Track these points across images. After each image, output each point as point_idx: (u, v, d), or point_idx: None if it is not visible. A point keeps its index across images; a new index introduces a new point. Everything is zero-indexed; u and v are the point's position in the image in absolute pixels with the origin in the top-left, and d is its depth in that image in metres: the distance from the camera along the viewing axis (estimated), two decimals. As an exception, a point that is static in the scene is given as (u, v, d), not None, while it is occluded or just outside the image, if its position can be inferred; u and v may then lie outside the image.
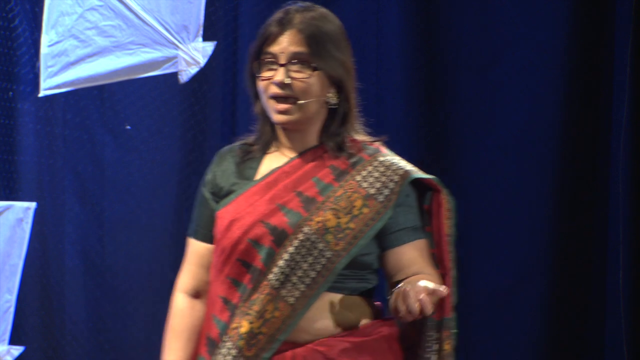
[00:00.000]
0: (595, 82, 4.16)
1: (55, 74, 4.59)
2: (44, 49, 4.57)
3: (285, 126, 2.56)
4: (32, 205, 4.63)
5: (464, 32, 4.30)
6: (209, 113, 4.67)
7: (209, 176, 2.66)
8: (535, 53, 4.21)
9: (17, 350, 4.62)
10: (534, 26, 4.22)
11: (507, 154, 4.26)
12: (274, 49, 2.52)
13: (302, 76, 2.50)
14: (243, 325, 2.47)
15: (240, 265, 2.51)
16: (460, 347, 4.15)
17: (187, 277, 2.68)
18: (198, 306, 2.64)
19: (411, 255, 2.53)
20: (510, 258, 4.25)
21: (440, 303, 2.49)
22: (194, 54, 4.58)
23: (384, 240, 2.53)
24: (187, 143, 4.67)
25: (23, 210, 4.62)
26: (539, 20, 4.21)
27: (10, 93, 4.60)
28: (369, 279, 2.55)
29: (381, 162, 2.55)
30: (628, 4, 4.00)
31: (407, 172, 2.52)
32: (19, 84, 4.61)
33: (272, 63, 2.52)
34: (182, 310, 2.66)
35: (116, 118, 4.66)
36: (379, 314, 2.59)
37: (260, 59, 2.53)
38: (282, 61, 2.51)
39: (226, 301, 2.52)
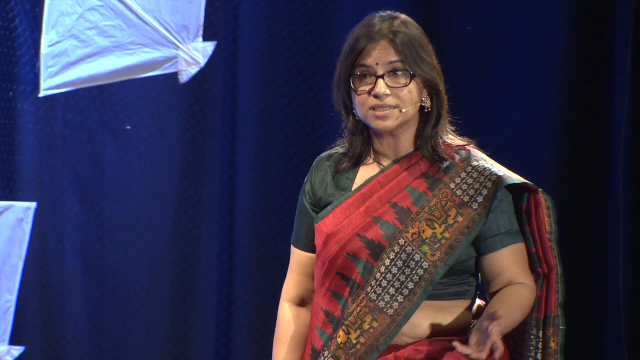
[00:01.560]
0: (595, 82, 4.15)
1: (56, 74, 4.59)
2: (44, 49, 4.57)
3: (386, 131, 2.57)
4: (32, 205, 4.63)
5: (464, 32, 4.30)
6: (209, 113, 4.67)
7: (307, 185, 2.67)
8: (535, 53, 4.21)
9: (17, 350, 4.62)
10: (534, 26, 4.21)
11: (507, 154, 4.25)
12: (368, 61, 2.53)
13: (400, 85, 2.52)
14: (340, 335, 2.50)
15: (340, 278, 2.54)
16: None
17: (291, 285, 2.69)
18: (304, 314, 2.66)
19: (505, 261, 2.54)
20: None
21: (545, 300, 2.53)
22: (194, 54, 4.58)
23: (479, 246, 2.54)
24: (187, 143, 4.67)
25: (23, 210, 4.62)
26: (539, 20, 4.21)
27: (10, 93, 4.59)
28: (469, 281, 2.57)
29: (474, 167, 2.57)
30: (628, 4, 3.99)
31: (500, 178, 2.54)
32: (19, 84, 4.61)
33: (367, 75, 2.53)
34: (288, 319, 2.67)
35: (116, 118, 4.66)
36: (482, 311, 2.60)
37: (355, 73, 2.54)
38: (380, 72, 2.52)
39: (328, 314, 2.55)
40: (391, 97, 2.52)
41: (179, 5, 4.57)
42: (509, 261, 2.54)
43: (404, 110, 2.53)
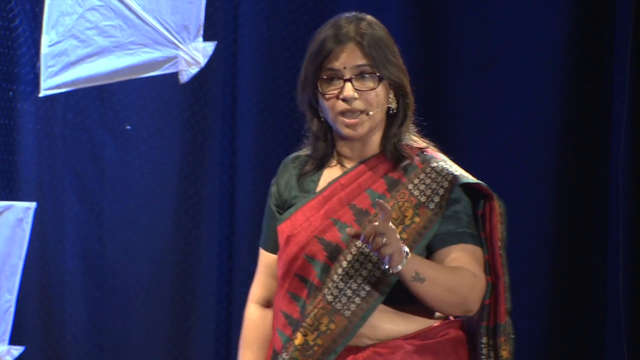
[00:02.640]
0: (595, 82, 4.15)
1: (56, 74, 4.59)
2: (44, 49, 4.57)
3: (355, 139, 2.56)
4: (32, 205, 4.63)
5: (464, 32, 4.30)
6: (209, 113, 4.67)
7: (273, 188, 2.67)
8: (535, 53, 4.21)
9: (17, 350, 4.62)
10: (534, 26, 4.21)
11: (507, 154, 4.26)
12: (336, 64, 2.51)
13: (369, 88, 2.51)
14: (297, 337, 2.49)
15: (298, 280, 2.53)
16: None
17: (258, 287, 2.70)
18: (270, 316, 2.65)
19: (456, 255, 2.49)
20: (510, 258, 4.24)
21: (493, 309, 2.49)
22: (194, 54, 4.58)
23: (433, 241, 2.50)
24: (187, 143, 4.67)
25: (23, 210, 4.62)
26: (539, 20, 4.21)
27: (11, 93, 4.59)
28: None
29: (433, 168, 2.54)
30: (628, 4, 3.99)
31: (456, 178, 2.51)
32: (19, 84, 4.61)
33: (334, 79, 2.52)
34: (253, 320, 2.67)
35: (116, 118, 4.66)
36: (446, 318, 2.58)
37: (322, 76, 2.53)
38: (347, 76, 2.51)
39: (287, 316, 2.54)
40: (359, 101, 2.51)
41: (179, 5, 4.57)
42: (460, 254, 2.49)
43: (371, 113, 2.51)
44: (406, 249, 2.37)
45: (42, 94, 4.59)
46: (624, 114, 4.01)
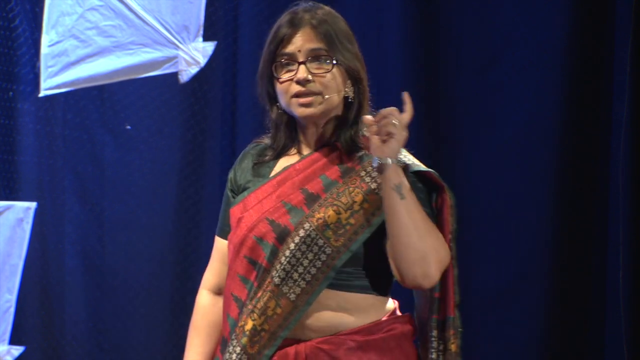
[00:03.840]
0: (595, 82, 4.15)
1: (56, 74, 4.59)
2: (44, 49, 4.57)
3: (309, 119, 2.56)
4: (33, 205, 4.63)
5: (464, 32, 4.29)
6: (209, 113, 4.67)
7: (230, 174, 2.68)
8: (535, 53, 4.21)
9: (17, 350, 4.62)
10: (534, 26, 4.21)
11: (507, 154, 4.26)
12: (290, 49, 2.53)
13: (323, 71, 2.52)
14: (247, 323, 2.48)
15: (247, 262, 2.52)
16: (460, 347, 4.15)
17: (210, 274, 2.70)
18: (220, 303, 2.65)
19: None
20: (510, 258, 4.25)
21: (443, 302, 2.49)
22: (194, 54, 4.58)
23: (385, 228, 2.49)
24: (187, 143, 4.67)
25: (23, 210, 4.62)
26: (539, 20, 4.21)
27: (11, 93, 4.60)
28: (378, 276, 2.52)
29: None
30: (628, 4, 3.99)
31: (407, 166, 2.50)
32: (19, 84, 4.61)
33: (290, 64, 2.53)
34: (204, 307, 2.68)
35: (116, 118, 4.66)
36: (394, 313, 2.58)
37: (277, 61, 2.54)
38: (301, 59, 2.51)
39: (236, 299, 2.54)
40: (314, 84, 2.51)
41: (179, 5, 4.57)
42: None
43: (327, 96, 2.52)
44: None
45: (42, 94, 4.59)
46: (624, 114, 4.01)
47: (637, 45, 4.00)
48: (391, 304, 2.60)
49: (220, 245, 2.67)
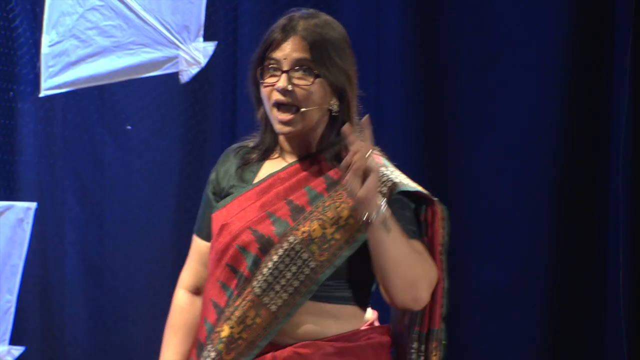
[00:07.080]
0: (595, 82, 4.15)
1: (56, 74, 4.60)
2: (44, 49, 4.58)
3: (287, 136, 2.55)
4: (33, 205, 4.63)
5: (464, 31, 4.30)
6: (209, 113, 4.67)
7: (212, 175, 2.67)
8: (535, 53, 4.21)
9: (17, 350, 4.62)
10: (534, 26, 4.21)
11: (507, 154, 4.26)
12: (277, 55, 2.51)
13: (304, 83, 2.49)
14: (224, 329, 2.48)
15: (229, 270, 2.51)
16: (460, 347, 4.15)
17: (188, 273, 2.70)
18: (198, 303, 2.64)
19: None
20: (510, 258, 4.25)
21: (428, 315, 2.48)
22: (194, 54, 4.58)
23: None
24: (187, 143, 4.67)
25: (23, 210, 4.62)
26: (539, 20, 4.21)
27: (11, 93, 4.60)
28: (358, 288, 2.52)
29: None
30: (628, 4, 3.99)
31: (394, 185, 2.48)
32: (19, 84, 4.61)
33: (275, 69, 2.51)
34: (181, 306, 2.68)
35: (116, 118, 4.66)
36: (373, 323, 2.59)
37: (264, 64, 2.53)
38: (285, 67, 2.49)
39: (215, 305, 2.53)
40: (293, 95, 2.49)
41: (179, 5, 4.57)
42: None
43: (302, 110, 2.49)
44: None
45: (42, 94, 4.60)
46: (624, 114, 4.01)
47: (637, 45, 4.00)
48: (370, 314, 2.60)
49: (197, 245, 2.67)
